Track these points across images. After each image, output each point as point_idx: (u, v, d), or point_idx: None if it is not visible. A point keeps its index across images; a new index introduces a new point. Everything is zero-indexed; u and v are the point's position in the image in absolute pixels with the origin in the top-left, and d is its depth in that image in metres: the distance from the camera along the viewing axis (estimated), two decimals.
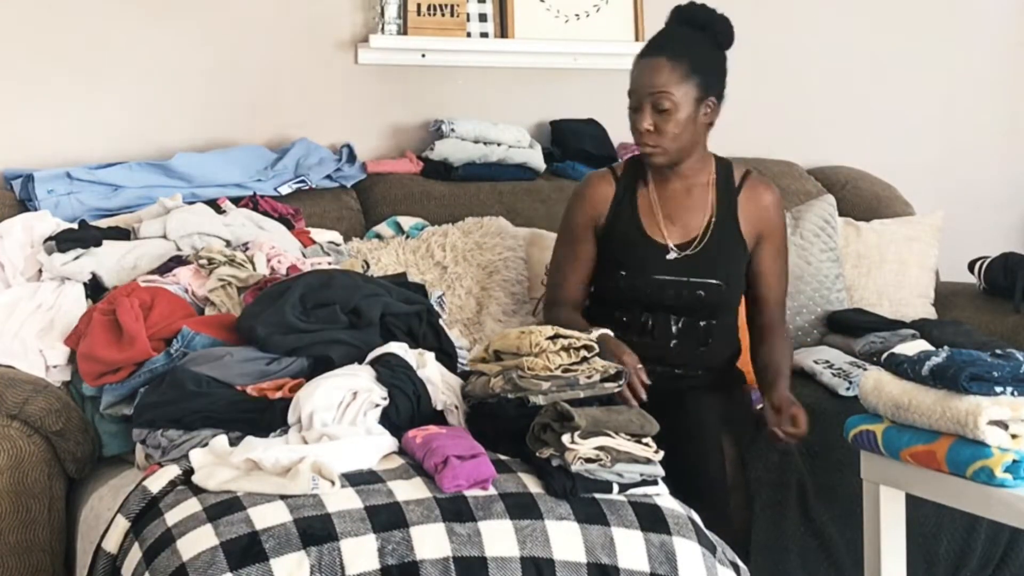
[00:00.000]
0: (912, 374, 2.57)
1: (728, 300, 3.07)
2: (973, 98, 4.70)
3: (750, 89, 4.36)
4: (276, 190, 3.61)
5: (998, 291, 3.92)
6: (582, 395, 2.45)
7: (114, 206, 3.43)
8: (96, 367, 2.74)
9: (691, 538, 2.29)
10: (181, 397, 2.54)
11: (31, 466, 2.71)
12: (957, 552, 3.26)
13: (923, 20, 4.61)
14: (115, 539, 2.27)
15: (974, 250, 4.13)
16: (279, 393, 2.54)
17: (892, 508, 2.72)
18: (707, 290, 3.02)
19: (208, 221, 3.26)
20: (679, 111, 2.96)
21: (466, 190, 3.83)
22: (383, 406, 2.46)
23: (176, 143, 3.66)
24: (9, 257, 3.12)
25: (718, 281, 3.03)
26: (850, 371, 3.42)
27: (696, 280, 3.02)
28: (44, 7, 3.60)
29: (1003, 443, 2.41)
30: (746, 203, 3.09)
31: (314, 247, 3.46)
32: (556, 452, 2.32)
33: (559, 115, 4.10)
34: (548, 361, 2.44)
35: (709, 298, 3.02)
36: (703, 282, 3.02)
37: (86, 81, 3.66)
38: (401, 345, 2.63)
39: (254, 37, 3.82)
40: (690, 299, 3.02)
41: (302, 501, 2.19)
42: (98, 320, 2.80)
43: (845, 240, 3.93)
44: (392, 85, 3.97)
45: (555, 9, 4.08)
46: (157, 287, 2.91)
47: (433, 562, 2.13)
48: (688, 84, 2.96)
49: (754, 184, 3.13)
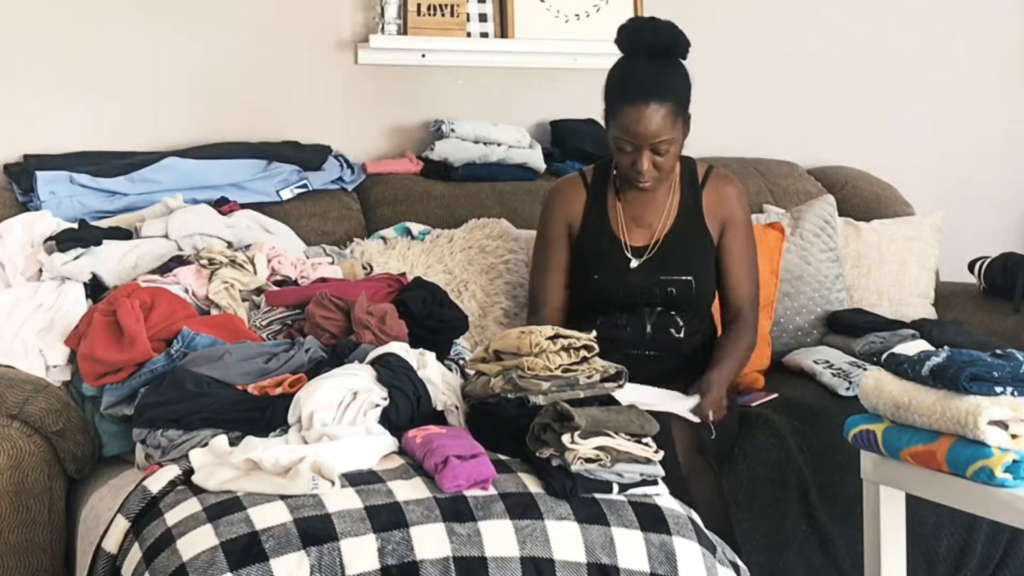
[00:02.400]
0: (912, 374, 2.57)
1: (700, 294, 3.15)
2: (973, 98, 4.70)
3: (750, 89, 4.38)
4: (278, 193, 3.61)
5: (998, 291, 3.92)
6: (582, 395, 2.45)
7: (116, 208, 3.43)
8: (96, 367, 2.75)
9: (691, 538, 2.29)
10: (181, 397, 2.54)
11: (31, 466, 2.71)
12: (957, 552, 3.26)
13: (923, 20, 4.62)
14: (115, 539, 2.27)
15: (974, 250, 4.13)
16: (279, 389, 2.54)
17: (892, 508, 2.72)
18: (677, 287, 3.12)
19: (210, 222, 3.26)
20: (674, 146, 3.06)
21: (466, 190, 3.83)
22: (383, 406, 2.47)
23: (176, 143, 3.66)
24: (9, 257, 3.12)
25: (688, 277, 3.12)
26: (850, 371, 3.42)
27: (666, 278, 3.12)
28: (44, 6, 3.60)
29: (1003, 443, 2.41)
30: (709, 195, 3.20)
31: (315, 248, 3.47)
32: (556, 452, 2.31)
33: (559, 115, 4.10)
34: (548, 361, 2.44)
35: (681, 294, 3.12)
36: (673, 279, 3.12)
37: (86, 81, 3.66)
38: (402, 345, 2.63)
39: (254, 37, 3.82)
40: (662, 296, 3.12)
41: (302, 501, 2.19)
42: (98, 321, 2.80)
43: (845, 240, 3.93)
44: (392, 85, 3.97)
45: (555, 9, 4.08)
46: (158, 287, 2.91)
47: (433, 562, 2.13)
48: (678, 120, 3.05)
49: (717, 178, 3.23)
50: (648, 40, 3.08)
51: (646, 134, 3.01)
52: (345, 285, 3.01)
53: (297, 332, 2.88)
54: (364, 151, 3.91)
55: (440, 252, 3.55)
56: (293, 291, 2.99)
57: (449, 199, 3.79)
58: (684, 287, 3.12)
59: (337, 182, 3.76)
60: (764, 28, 4.41)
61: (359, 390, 2.46)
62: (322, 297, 2.85)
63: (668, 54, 3.08)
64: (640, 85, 3.03)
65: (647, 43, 3.08)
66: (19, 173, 3.49)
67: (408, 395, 2.48)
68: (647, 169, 3.04)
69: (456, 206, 3.76)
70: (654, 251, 3.15)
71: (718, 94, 4.34)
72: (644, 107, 3.00)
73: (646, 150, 3.03)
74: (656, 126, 3.00)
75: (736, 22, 4.37)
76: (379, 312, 2.79)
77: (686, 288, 3.13)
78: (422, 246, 3.55)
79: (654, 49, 3.07)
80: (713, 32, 4.34)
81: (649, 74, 3.05)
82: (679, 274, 3.12)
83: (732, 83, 4.36)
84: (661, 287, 3.12)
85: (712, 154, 4.22)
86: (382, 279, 3.07)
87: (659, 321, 3.13)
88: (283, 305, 2.95)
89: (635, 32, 3.11)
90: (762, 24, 4.41)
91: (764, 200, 4.08)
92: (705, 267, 3.17)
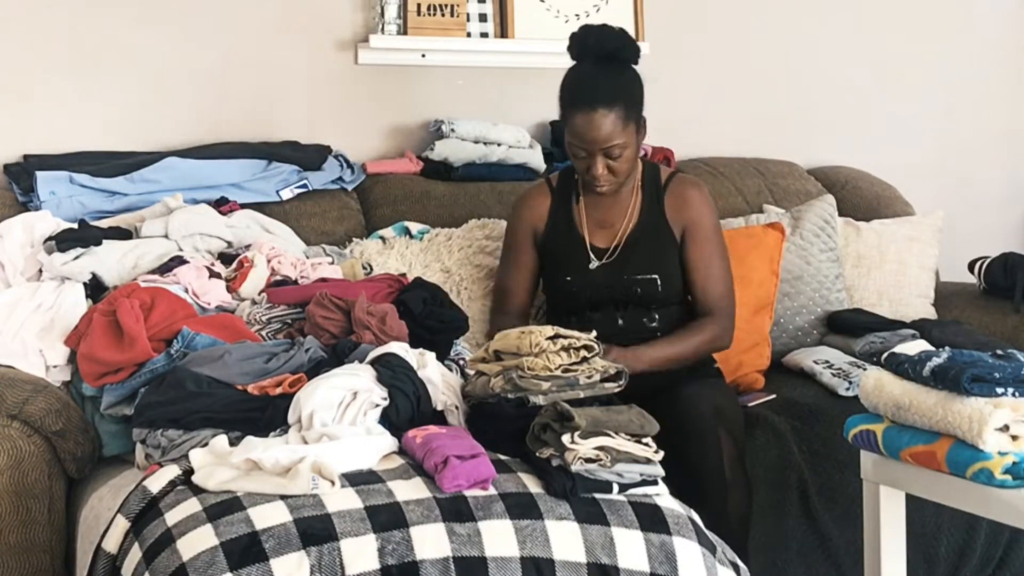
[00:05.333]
0: (913, 374, 2.57)
1: (666, 293, 3.18)
2: (973, 98, 4.70)
3: (750, 89, 4.38)
4: (278, 193, 3.61)
5: (998, 291, 3.92)
6: (582, 395, 2.46)
7: (116, 208, 3.43)
8: (97, 368, 2.75)
9: (691, 538, 2.29)
10: (181, 397, 2.54)
11: (31, 466, 2.70)
12: (957, 552, 3.26)
13: (923, 20, 4.61)
14: (115, 539, 2.27)
15: (974, 250, 4.13)
16: (279, 389, 2.54)
17: (892, 508, 2.72)
18: (643, 285, 3.16)
19: (210, 222, 3.26)
20: (627, 150, 3.09)
21: (466, 190, 3.83)
22: (383, 406, 2.47)
23: (176, 143, 3.66)
24: (9, 257, 3.12)
25: (652, 276, 3.15)
26: (850, 371, 3.42)
27: (631, 277, 3.16)
28: (44, 6, 3.60)
29: (1003, 446, 2.41)
30: (671, 199, 3.23)
31: (315, 248, 3.47)
32: (556, 452, 2.31)
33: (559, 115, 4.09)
34: (548, 361, 2.44)
35: (646, 292, 3.16)
36: (638, 278, 3.16)
37: (86, 81, 3.66)
38: (402, 345, 2.63)
39: (254, 37, 3.82)
40: (628, 295, 3.17)
41: (302, 501, 2.19)
42: (98, 321, 2.80)
43: (845, 240, 3.93)
44: (392, 85, 3.97)
45: (555, 9, 4.08)
46: (158, 288, 2.91)
47: (433, 562, 2.13)
48: (630, 124, 3.08)
49: (680, 181, 3.27)
50: (593, 46, 3.12)
51: (596, 138, 3.05)
52: (345, 285, 3.01)
53: (297, 332, 2.88)
54: (364, 151, 3.91)
55: (438, 251, 3.55)
56: (294, 290, 3.00)
57: (449, 199, 3.79)
58: (649, 285, 3.16)
59: (337, 182, 3.76)
60: (764, 28, 4.41)
61: (359, 390, 2.46)
62: (322, 297, 2.85)
63: (615, 59, 3.11)
64: (588, 91, 3.07)
65: (592, 49, 3.12)
66: (19, 173, 3.48)
67: (408, 395, 2.48)
68: (601, 173, 3.08)
69: (456, 206, 3.76)
70: (617, 252, 3.19)
71: (718, 94, 4.35)
72: (592, 113, 3.03)
73: (598, 155, 3.07)
74: (606, 131, 3.04)
75: (736, 22, 4.37)
76: (379, 312, 2.79)
77: (651, 286, 3.16)
78: (420, 245, 3.55)
79: (600, 55, 3.11)
80: (713, 32, 4.35)
81: (597, 80, 3.08)
82: (643, 272, 3.16)
83: (732, 83, 4.36)
84: (627, 286, 3.16)
85: (712, 154, 4.23)
86: (382, 279, 3.07)
87: (630, 316, 3.17)
88: (284, 303, 2.95)
89: (582, 39, 3.15)
90: (762, 24, 4.41)
91: (764, 200, 4.08)
92: (670, 265, 3.19)
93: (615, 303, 3.18)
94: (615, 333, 3.12)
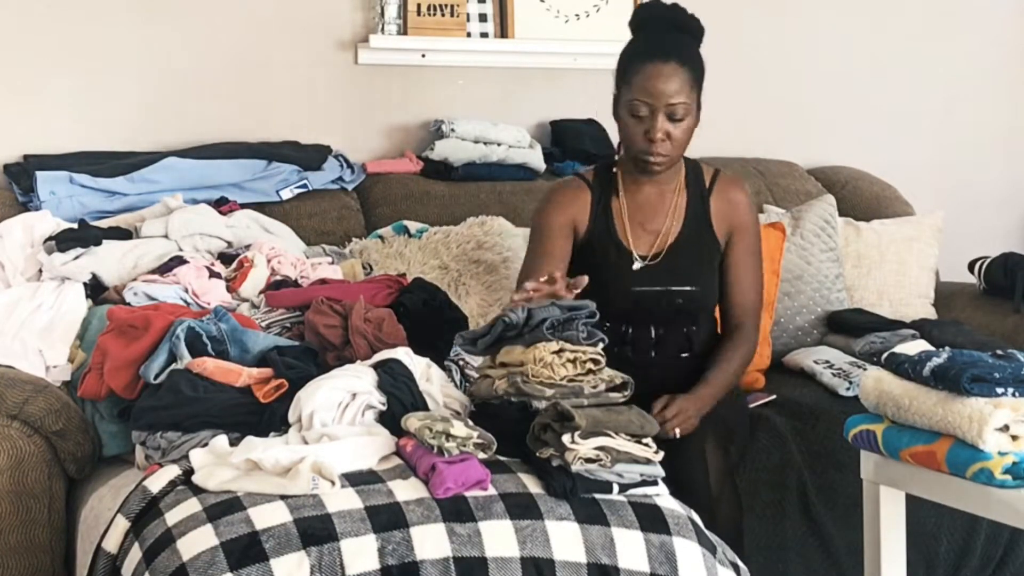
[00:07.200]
0: (913, 374, 2.57)
1: (706, 305, 3.04)
2: (973, 98, 4.70)
3: (750, 89, 4.38)
4: (278, 193, 3.61)
5: (998, 291, 3.92)
6: (586, 403, 2.41)
7: (116, 208, 3.43)
8: (126, 373, 2.67)
9: (691, 538, 2.29)
10: (178, 402, 2.53)
11: (31, 466, 2.70)
12: (957, 552, 3.26)
13: (923, 20, 4.61)
14: (115, 539, 2.27)
15: (974, 250, 4.13)
16: (265, 389, 2.53)
17: (892, 508, 2.72)
18: (684, 297, 2.99)
19: (210, 222, 3.27)
20: (688, 117, 2.93)
21: (466, 190, 3.83)
22: (379, 410, 2.46)
23: (176, 143, 3.66)
24: (9, 257, 3.12)
25: (694, 287, 3.00)
26: (850, 371, 3.42)
27: (674, 288, 2.99)
28: (44, 6, 3.60)
29: (1003, 447, 2.41)
30: (717, 203, 3.05)
31: (315, 248, 3.47)
32: (556, 452, 2.31)
33: (559, 115, 4.10)
34: (553, 372, 2.42)
35: (687, 305, 3.00)
36: (680, 290, 2.99)
37: (86, 81, 3.66)
38: (407, 351, 2.62)
39: (254, 37, 3.82)
40: (669, 308, 2.99)
41: (302, 501, 2.19)
42: (106, 339, 2.74)
43: (845, 240, 3.93)
44: (392, 85, 3.97)
45: (555, 9, 4.08)
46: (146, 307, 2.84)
47: (433, 562, 2.13)
48: (694, 93, 2.94)
49: (725, 183, 3.09)
50: (665, 14, 3.02)
51: (665, 91, 2.88)
52: (345, 286, 3.00)
53: (296, 336, 2.87)
54: (364, 151, 3.91)
55: (436, 248, 3.54)
56: (292, 293, 2.98)
57: (449, 199, 3.79)
58: (690, 297, 3.00)
59: (337, 182, 3.77)
60: (764, 28, 4.41)
61: (358, 392, 2.46)
62: (320, 303, 2.82)
63: (685, 31, 3.00)
64: (661, 46, 2.93)
65: (664, 17, 3.01)
66: (19, 173, 3.49)
67: (406, 406, 2.46)
68: (660, 137, 2.89)
69: (456, 206, 3.76)
70: (660, 258, 3.01)
71: (718, 94, 4.30)
72: (664, 65, 2.89)
73: (661, 113, 2.89)
74: (676, 85, 2.88)
75: (736, 22, 4.36)
76: (376, 318, 2.77)
77: (692, 298, 3.00)
78: (419, 243, 3.55)
79: (673, 23, 3.00)
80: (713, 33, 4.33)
81: (672, 38, 2.97)
82: (685, 284, 2.99)
83: (733, 83, 4.35)
84: (668, 297, 2.98)
85: (712, 154, 4.22)
86: (382, 280, 3.06)
87: (668, 329, 3.00)
88: (282, 306, 2.94)
89: (650, 7, 3.05)
90: (762, 24, 4.40)
91: (764, 200, 4.08)
92: (711, 275, 3.04)
93: (652, 314, 2.99)
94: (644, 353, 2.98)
